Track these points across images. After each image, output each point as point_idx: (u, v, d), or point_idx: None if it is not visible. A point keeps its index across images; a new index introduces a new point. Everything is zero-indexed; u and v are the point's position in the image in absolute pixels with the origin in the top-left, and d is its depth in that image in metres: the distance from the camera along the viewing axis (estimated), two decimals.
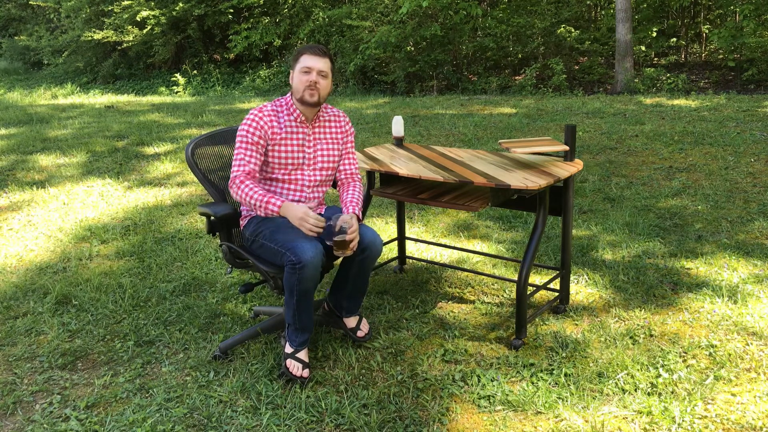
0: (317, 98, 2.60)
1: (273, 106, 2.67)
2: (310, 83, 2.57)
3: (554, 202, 3.01)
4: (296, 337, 2.57)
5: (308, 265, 2.38)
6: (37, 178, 5.93)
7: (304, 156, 2.68)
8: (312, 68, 2.58)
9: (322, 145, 2.72)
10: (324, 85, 2.61)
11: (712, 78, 11.43)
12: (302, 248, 2.39)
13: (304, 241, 2.43)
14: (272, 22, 14.87)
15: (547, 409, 2.33)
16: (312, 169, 2.70)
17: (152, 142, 7.39)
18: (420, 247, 4.00)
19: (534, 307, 3.16)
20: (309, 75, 2.58)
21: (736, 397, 2.37)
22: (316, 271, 2.42)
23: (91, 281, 3.61)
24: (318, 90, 2.59)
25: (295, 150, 2.66)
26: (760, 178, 5.13)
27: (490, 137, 7.06)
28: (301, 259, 2.37)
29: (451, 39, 12.83)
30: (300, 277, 2.40)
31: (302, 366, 2.55)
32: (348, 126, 2.81)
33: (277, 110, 2.66)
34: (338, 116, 2.79)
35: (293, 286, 2.43)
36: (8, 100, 12.96)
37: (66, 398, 2.52)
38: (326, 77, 2.62)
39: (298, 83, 2.59)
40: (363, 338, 2.83)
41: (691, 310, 3.05)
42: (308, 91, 2.58)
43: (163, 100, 12.64)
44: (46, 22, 20.24)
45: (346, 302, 2.78)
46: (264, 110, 2.63)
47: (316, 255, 2.40)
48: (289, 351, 2.57)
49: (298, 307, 2.49)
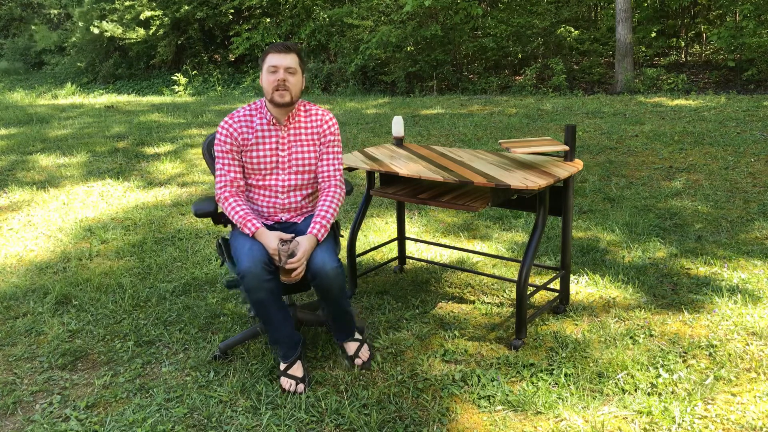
0: (289, 98, 2.49)
1: (246, 110, 2.58)
2: (278, 83, 2.46)
3: (554, 202, 3.01)
4: (277, 351, 2.55)
5: (246, 274, 2.33)
6: (37, 178, 5.93)
7: (278, 160, 2.57)
8: (278, 66, 2.47)
9: (296, 148, 2.59)
10: (294, 82, 2.49)
11: (712, 78, 11.43)
12: (240, 258, 2.37)
13: (245, 251, 2.39)
14: (273, 23, 14.87)
15: (547, 409, 2.33)
16: (286, 173, 2.58)
17: (152, 142, 7.39)
18: (420, 247, 4.00)
19: (534, 307, 3.16)
20: (276, 74, 2.47)
21: (736, 397, 2.37)
22: (257, 280, 2.33)
23: (91, 281, 3.61)
24: (288, 88, 2.48)
25: (267, 154, 2.56)
26: (760, 178, 5.13)
27: (490, 137, 7.06)
28: (238, 270, 2.35)
29: (451, 39, 12.83)
30: (245, 287, 2.36)
31: (296, 382, 2.49)
32: (327, 125, 2.63)
33: (251, 114, 2.57)
34: (317, 115, 2.63)
35: (246, 297, 2.40)
36: (9, 100, 12.96)
37: (66, 398, 2.52)
38: (294, 74, 2.49)
39: (266, 84, 2.50)
40: (360, 366, 2.63)
41: (691, 310, 3.05)
42: (277, 93, 2.48)
43: (163, 100, 12.64)
44: (46, 22, 20.25)
45: (336, 332, 2.68)
46: (235, 116, 2.56)
47: (253, 264, 2.33)
48: (282, 368, 2.54)
49: (260, 318, 2.45)
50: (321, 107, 2.68)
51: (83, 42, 16.55)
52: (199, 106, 10.70)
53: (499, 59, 13.29)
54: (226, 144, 2.54)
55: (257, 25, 14.82)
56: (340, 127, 8.11)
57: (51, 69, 18.79)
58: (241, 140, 2.55)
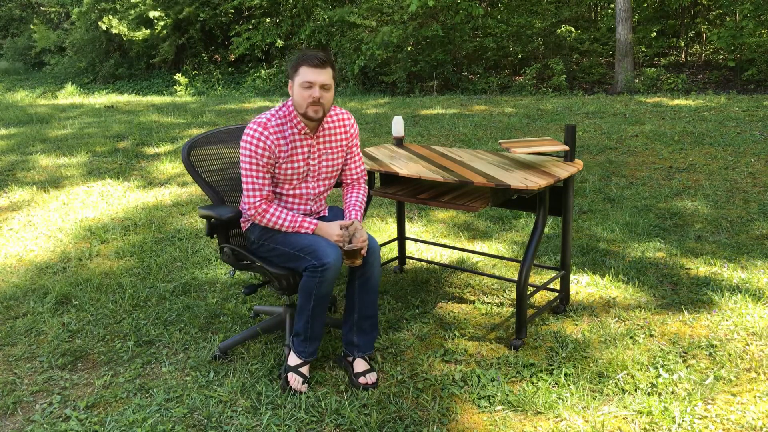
0: (322, 113, 2.45)
1: (276, 119, 2.50)
2: (313, 99, 2.40)
3: (554, 202, 3.01)
4: (305, 347, 2.53)
5: (331, 267, 2.37)
6: (37, 178, 5.93)
7: (309, 169, 2.57)
8: (314, 83, 2.39)
9: (327, 156, 2.60)
10: (328, 98, 2.44)
11: (712, 78, 11.43)
12: (324, 251, 2.38)
13: (324, 244, 2.41)
14: (273, 23, 14.87)
15: (547, 409, 2.33)
16: (315, 180, 2.62)
17: (152, 142, 7.39)
18: (420, 247, 4.00)
19: (534, 307, 3.16)
20: (311, 90, 2.39)
21: (736, 397, 2.37)
22: (337, 273, 2.41)
23: (91, 281, 3.61)
24: (322, 105, 2.43)
25: (301, 165, 2.55)
26: (760, 178, 5.13)
27: (490, 137, 7.06)
28: (324, 262, 2.36)
29: (451, 39, 12.83)
30: (321, 280, 2.38)
31: (302, 381, 2.51)
32: (353, 129, 2.66)
33: (282, 123, 2.50)
34: (342, 119, 2.63)
35: (311, 290, 2.41)
36: (9, 100, 12.96)
37: (66, 398, 2.52)
38: (329, 90, 2.44)
39: (300, 99, 2.42)
40: (365, 385, 2.50)
41: (691, 310, 3.05)
42: (312, 108, 2.42)
43: (163, 100, 12.64)
44: (47, 22, 20.25)
45: (357, 337, 2.59)
46: (269, 126, 2.46)
47: (338, 257, 2.40)
48: (293, 363, 2.53)
49: (314, 313, 2.46)
50: (339, 108, 2.66)
51: (83, 42, 16.54)
52: (200, 107, 10.70)
53: (499, 59, 13.29)
54: (263, 157, 2.46)
55: (257, 26, 14.82)
56: None
57: (51, 69, 18.79)
58: (278, 152, 2.49)
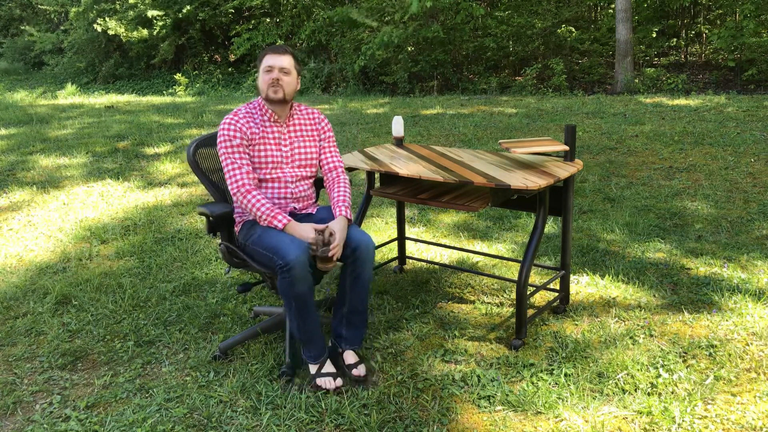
0: (282, 95, 2.62)
1: (246, 108, 2.70)
2: (272, 81, 2.61)
3: (554, 202, 3.01)
4: (309, 351, 2.52)
5: (294, 265, 2.34)
6: (37, 179, 5.94)
7: (281, 155, 2.68)
8: (273, 66, 2.62)
9: (298, 143, 2.73)
10: (287, 82, 2.63)
11: (712, 78, 11.43)
12: (285, 249, 2.37)
13: (287, 242, 2.40)
14: (273, 23, 14.87)
15: (547, 409, 2.33)
16: (290, 167, 2.70)
17: (152, 142, 7.39)
18: (420, 247, 4.00)
19: (534, 307, 3.16)
20: (271, 73, 2.62)
21: (736, 397, 2.37)
22: (304, 271, 2.37)
23: (91, 281, 3.61)
24: (281, 86, 2.61)
25: (273, 149, 2.67)
26: (760, 178, 5.13)
27: (490, 137, 7.06)
28: (286, 261, 2.34)
29: (451, 39, 12.83)
30: (290, 279, 2.36)
31: (332, 377, 2.50)
32: (323, 123, 2.83)
33: (252, 112, 2.69)
34: (312, 113, 2.82)
35: (286, 291, 2.39)
36: (9, 100, 12.96)
37: (66, 398, 2.52)
38: (289, 74, 2.64)
39: (262, 83, 2.64)
40: (356, 377, 2.55)
41: (691, 310, 3.05)
42: (272, 89, 2.61)
43: (163, 100, 12.64)
44: (47, 22, 20.24)
45: (345, 330, 2.62)
46: (239, 113, 2.66)
47: (301, 253, 2.36)
48: (313, 371, 2.52)
49: (299, 314, 2.44)
50: (309, 107, 2.84)
51: (82, 42, 16.53)
52: (200, 107, 10.70)
53: (499, 59, 13.29)
54: (236, 138, 2.60)
55: (258, 26, 14.82)
56: (340, 127, 8.12)
57: (51, 69, 18.79)
58: (250, 134, 2.64)
